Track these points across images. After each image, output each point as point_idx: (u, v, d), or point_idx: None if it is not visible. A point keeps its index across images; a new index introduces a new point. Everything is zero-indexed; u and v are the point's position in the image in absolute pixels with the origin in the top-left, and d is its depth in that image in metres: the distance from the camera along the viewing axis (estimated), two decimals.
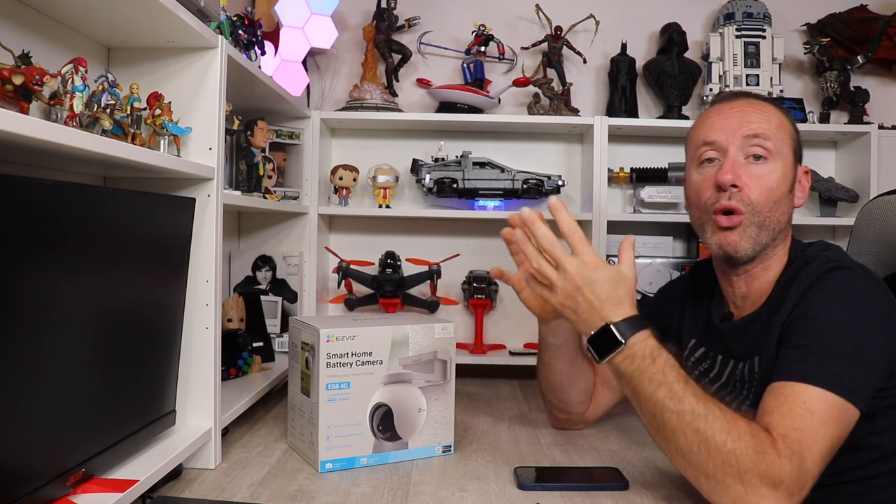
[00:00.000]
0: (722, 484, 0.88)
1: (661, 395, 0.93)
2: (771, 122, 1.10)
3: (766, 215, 1.07)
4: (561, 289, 0.99)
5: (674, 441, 0.92)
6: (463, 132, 2.07)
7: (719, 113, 1.13)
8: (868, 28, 2.04)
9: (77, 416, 0.88)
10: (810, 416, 0.89)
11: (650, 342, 0.96)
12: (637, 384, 0.95)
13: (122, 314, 0.96)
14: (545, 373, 1.32)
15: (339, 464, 1.15)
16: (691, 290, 1.28)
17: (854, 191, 1.96)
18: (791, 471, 0.86)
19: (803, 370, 0.93)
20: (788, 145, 1.11)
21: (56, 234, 0.79)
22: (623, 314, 0.97)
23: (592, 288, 0.97)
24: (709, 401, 0.92)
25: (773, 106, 1.14)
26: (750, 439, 0.87)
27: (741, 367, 1.10)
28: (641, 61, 2.09)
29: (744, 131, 1.09)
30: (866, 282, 1.02)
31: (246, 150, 1.46)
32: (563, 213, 1.00)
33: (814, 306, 0.99)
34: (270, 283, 1.88)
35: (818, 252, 1.09)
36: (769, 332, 1.05)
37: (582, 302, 0.98)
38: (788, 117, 1.14)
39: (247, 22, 1.38)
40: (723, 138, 1.10)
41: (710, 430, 0.89)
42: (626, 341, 0.96)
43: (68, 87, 0.84)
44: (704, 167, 1.12)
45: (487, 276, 2.00)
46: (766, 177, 1.07)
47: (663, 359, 0.95)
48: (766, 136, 1.08)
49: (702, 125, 1.16)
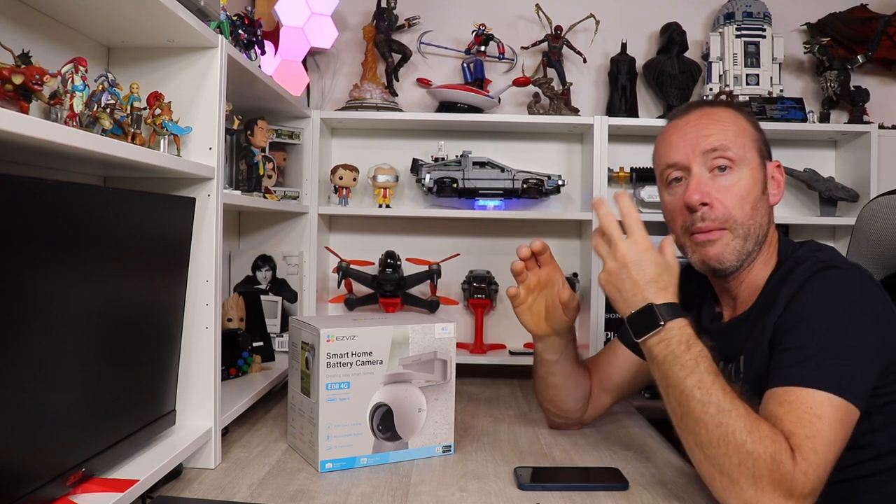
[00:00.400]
0: (736, 483, 0.88)
1: (690, 383, 0.93)
2: (728, 131, 1.09)
3: (748, 224, 1.07)
4: (610, 266, 1.03)
5: (695, 431, 0.92)
6: (463, 132, 2.07)
7: (676, 130, 1.13)
8: (868, 28, 2.04)
9: (77, 415, 0.88)
10: (819, 421, 0.89)
11: (687, 330, 0.97)
12: (668, 369, 0.96)
13: (122, 314, 0.96)
14: (541, 385, 1.32)
15: (339, 464, 1.15)
16: (685, 292, 1.28)
17: (854, 190, 1.96)
18: (805, 481, 0.86)
19: (801, 374, 0.93)
20: (751, 148, 1.10)
21: (56, 234, 0.79)
22: (665, 298, 0.99)
23: (640, 267, 1.00)
24: (735, 398, 0.91)
25: (728, 110, 1.13)
26: (770, 444, 0.87)
27: (730, 367, 1.11)
28: (641, 61, 2.09)
29: (702, 147, 1.08)
30: (858, 280, 1.02)
31: (246, 149, 1.46)
32: (624, 199, 1.06)
33: (805, 307, 0.99)
34: (270, 283, 1.88)
35: (809, 252, 1.08)
36: (759, 332, 1.05)
37: (626, 279, 1.01)
38: (747, 118, 1.13)
39: (247, 21, 1.38)
40: (683, 157, 1.10)
41: (732, 426, 0.89)
42: (665, 324, 0.97)
43: (68, 87, 0.84)
44: (673, 187, 1.13)
45: (487, 275, 2.00)
46: (734, 186, 1.07)
47: (698, 348, 0.95)
48: (726, 147, 1.08)
49: (662, 145, 1.16)
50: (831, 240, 2.07)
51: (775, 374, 0.96)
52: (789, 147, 2.06)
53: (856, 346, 0.95)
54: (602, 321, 1.92)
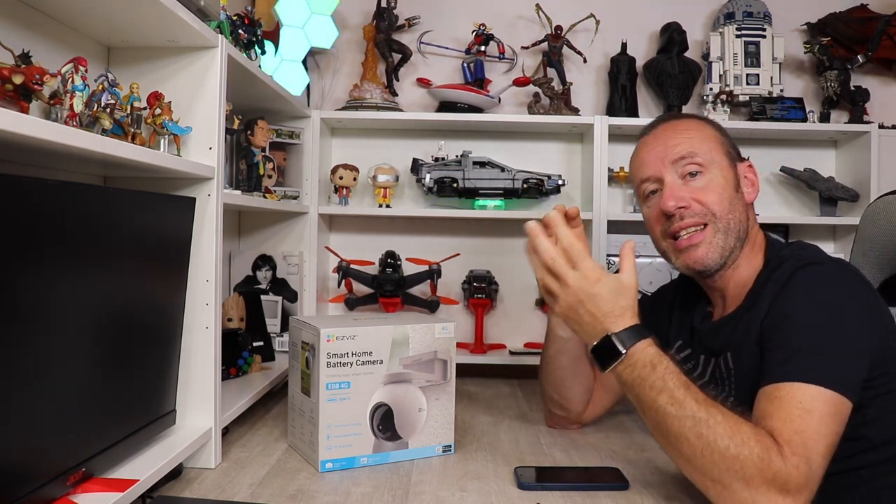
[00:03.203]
0: (728, 489, 0.88)
1: (663, 402, 0.93)
2: (693, 138, 1.14)
3: (727, 218, 1.10)
4: (563, 301, 1.02)
5: (678, 447, 0.93)
6: (463, 132, 2.07)
7: (645, 145, 1.19)
8: (868, 27, 2.04)
9: (77, 415, 0.88)
10: (808, 415, 0.89)
11: (650, 350, 0.97)
12: (639, 391, 0.96)
13: (122, 314, 0.96)
14: (550, 367, 1.32)
15: (340, 463, 1.15)
16: (681, 293, 1.30)
17: (854, 190, 1.96)
18: (798, 475, 0.86)
19: (790, 370, 0.93)
20: (719, 151, 1.14)
21: (56, 234, 0.79)
22: (623, 325, 0.99)
23: (594, 302, 0.99)
24: (711, 406, 0.92)
25: (691, 120, 1.19)
26: (755, 444, 0.87)
27: (720, 364, 1.12)
28: (641, 61, 2.09)
29: (671, 156, 1.13)
30: (840, 275, 1.03)
31: (246, 149, 1.46)
32: (561, 227, 1.03)
33: (790, 304, 1.00)
34: (270, 283, 1.88)
35: (793, 251, 1.11)
36: (745, 330, 1.06)
37: (584, 314, 1.00)
38: (711, 124, 1.19)
39: (247, 21, 1.38)
40: (654, 169, 1.15)
41: (712, 435, 0.89)
42: (627, 351, 0.97)
43: (68, 87, 0.84)
44: (650, 199, 1.17)
45: (487, 275, 2.00)
46: (708, 186, 1.12)
47: (664, 366, 0.96)
48: (694, 153, 1.12)
49: (634, 163, 1.21)
50: (831, 239, 2.08)
51: (765, 372, 0.97)
52: (789, 147, 2.06)
53: (842, 340, 0.96)
54: None
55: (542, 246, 1.02)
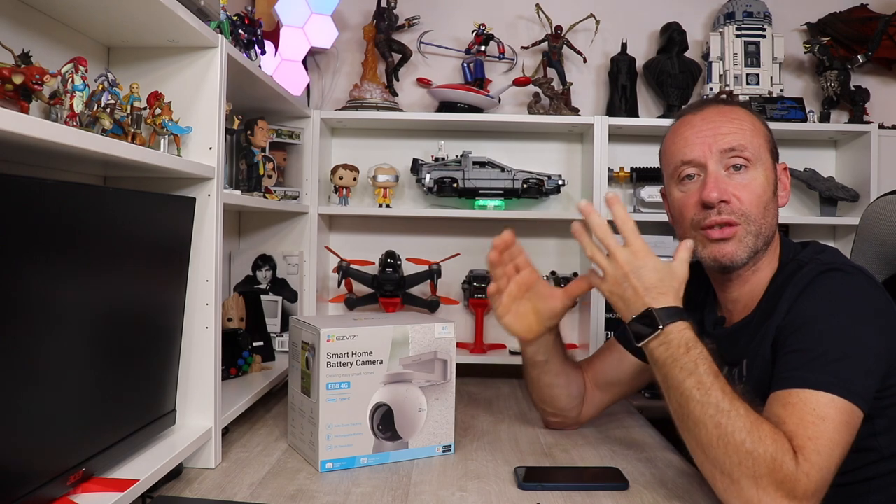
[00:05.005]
0: (737, 483, 0.88)
1: (690, 385, 0.93)
2: (745, 130, 1.09)
3: (760, 222, 1.07)
4: (611, 276, 1.05)
5: (695, 432, 0.93)
6: (463, 132, 2.07)
7: (691, 126, 1.11)
8: (868, 27, 2.04)
9: (77, 415, 0.88)
10: (822, 422, 0.89)
11: (687, 333, 0.98)
12: (668, 371, 0.97)
13: (122, 314, 0.96)
14: (535, 386, 1.32)
15: (340, 463, 1.15)
16: (685, 296, 1.28)
17: (854, 190, 1.96)
18: (807, 482, 0.86)
19: (806, 376, 0.92)
20: (765, 148, 1.10)
21: (56, 234, 0.79)
22: (665, 303, 1.00)
23: (639, 275, 1.02)
24: (735, 399, 0.91)
25: (742, 110, 1.13)
26: (771, 444, 0.87)
27: (734, 371, 1.10)
28: (641, 61, 2.09)
29: (720, 145, 1.07)
30: (862, 284, 1.01)
31: (246, 149, 1.46)
32: (617, 206, 1.05)
33: (809, 310, 0.99)
34: (270, 283, 1.88)
35: (812, 255, 1.08)
36: (761, 336, 1.04)
37: (628, 288, 1.03)
38: (759, 118, 1.14)
39: (247, 21, 1.38)
40: (700, 155, 1.08)
41: (731, 426, 0.89)
42: (664, 328, 0.98)
43: (68, 87, 0.84)
44: (685, 184, 1.11)
45: (487, 275, 1.99)
46: (751, 184, 1.07)
47: (697, 351, 0.96)
48: (744, 147, 1.07)
49: (675, 141, 1.13)
50: (831, 239, 2.07)
51: (779, 376, 0.96)
52: (789, 147, 2.06)
53: (859, 349, 0.94)
54: (602, 321, 1.92)
55: (596, 221, 1.06)
